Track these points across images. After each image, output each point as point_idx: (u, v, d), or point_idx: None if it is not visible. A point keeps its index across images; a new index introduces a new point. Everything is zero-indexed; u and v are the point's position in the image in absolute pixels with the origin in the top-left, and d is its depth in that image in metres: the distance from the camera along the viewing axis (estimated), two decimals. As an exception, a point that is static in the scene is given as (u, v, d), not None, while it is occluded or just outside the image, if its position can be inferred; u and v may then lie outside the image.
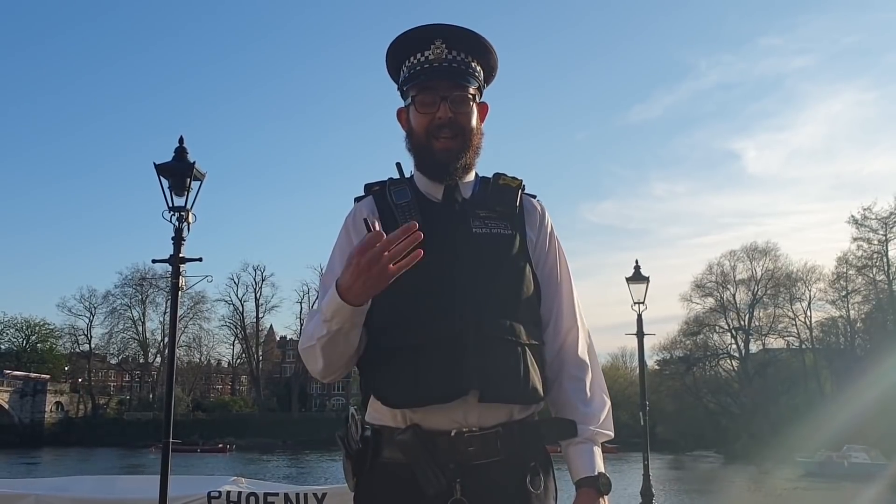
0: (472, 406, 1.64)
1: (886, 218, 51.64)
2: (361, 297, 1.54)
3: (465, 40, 1.79)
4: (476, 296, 1.68)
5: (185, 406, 65.67)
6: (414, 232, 1.46)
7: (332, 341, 1.62)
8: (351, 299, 1.54)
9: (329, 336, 1.61)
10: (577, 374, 1.80)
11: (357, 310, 1.56)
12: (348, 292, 1.53)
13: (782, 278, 58.45)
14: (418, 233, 1.46)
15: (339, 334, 1.61)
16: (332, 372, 1.71)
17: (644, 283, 15.24)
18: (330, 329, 1.60)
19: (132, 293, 72.53)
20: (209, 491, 6.34)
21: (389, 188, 1.82)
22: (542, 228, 1.87)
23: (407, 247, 1.46)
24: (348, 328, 1.60)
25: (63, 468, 41.97)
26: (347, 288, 1.52)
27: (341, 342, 1.64)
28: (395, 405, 1.67)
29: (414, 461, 1.62)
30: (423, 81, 1.77)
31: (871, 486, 32.67)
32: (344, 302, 1.54)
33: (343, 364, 1.70)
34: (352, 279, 1.51)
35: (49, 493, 6.43)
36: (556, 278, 1.85)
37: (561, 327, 1.82)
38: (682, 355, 60.51)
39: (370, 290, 1.52)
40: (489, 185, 1.85)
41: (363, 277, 1.49)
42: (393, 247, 1.46)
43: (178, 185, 7.70)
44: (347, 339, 1.63)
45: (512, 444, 1.67)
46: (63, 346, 76.27)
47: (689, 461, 50.91)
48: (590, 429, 1.74)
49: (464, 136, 1.79)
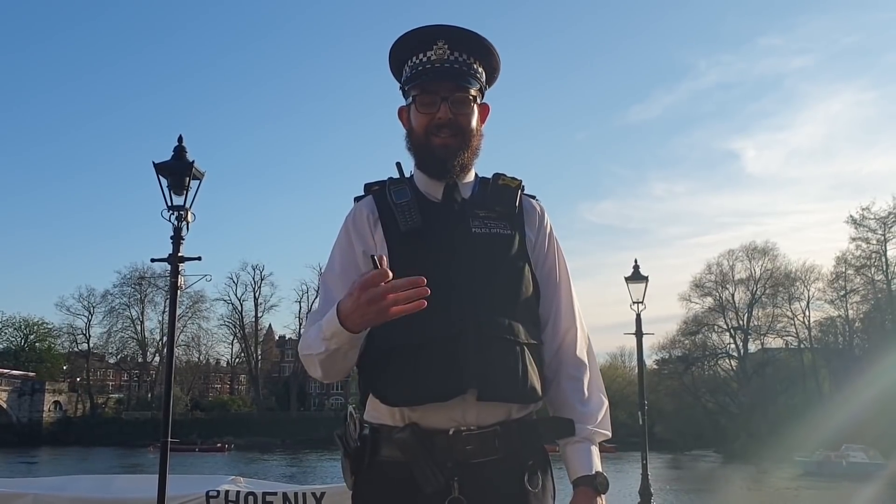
0: (470, 405, 1.64)
1: (885, 218, 51.82)
2: (359, 327, 1.54)
3: (468, 41, 1.80)
4: (475, 295, 1.68)
5: (183, 405, 65.64)
6: (420, 287, 1.45)
7: (330, 358, 1.63)
8: (350, 326, 1.54)
9: (327, 353, 1.62)
10: (576, 374, 1.81)
11: (355, 336, 1.57)
12: (347, 319, 1.53)
13: (781, 278, 58.55)
14: (425, 288, 1.45)
15: (338, 353, 1.62)
16: (331, 379, 1.73)
17: (643, 282, 15.24)
18: (328, 347, 1.60)
19: (131, 292, 72.60)
20: (207, 490, 6.34)
21: (389, 188, 1.82)
22: (541, 229, 1.87)
23: (410, 297, 1.46)
24: (346, 349, 1.61)
25: (61, 467, 41.95)
26: (346, 316, 1.53)
27: (339, 360, 1.64)
28: (393, 403, 1.67)
29: (412, 459, 1.62)
30: (425, 82, 1.78)
31: (870, 485, 32.72)
32: (343, 327, 1.55)
33: (343, 372, 1.71)
34: (351, 309, 1.51)
35: (47, 493, 6.41)
36: (554, 278, 1.86)
37: (559, 327, 1.83)
38: (680, 355, 60.59)
39: (368, 323, 1.53)
40: (489, 186, 1.86)
41: (361, 311, 1.50)
42: (395, 293, 1.46)
43: (177, 184, 7.68)
44: (346, 357, 1.64)
45: (510, 443, 1.67)
46: (61, 345, 76.28)
47: (687, 460, 50.94)
48: (587, 428, 1.75)
49: (463, 135, 1.79)
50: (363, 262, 1.78)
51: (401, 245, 1.73)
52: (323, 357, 1.62)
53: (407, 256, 1.70)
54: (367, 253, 1.77)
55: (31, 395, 67.11)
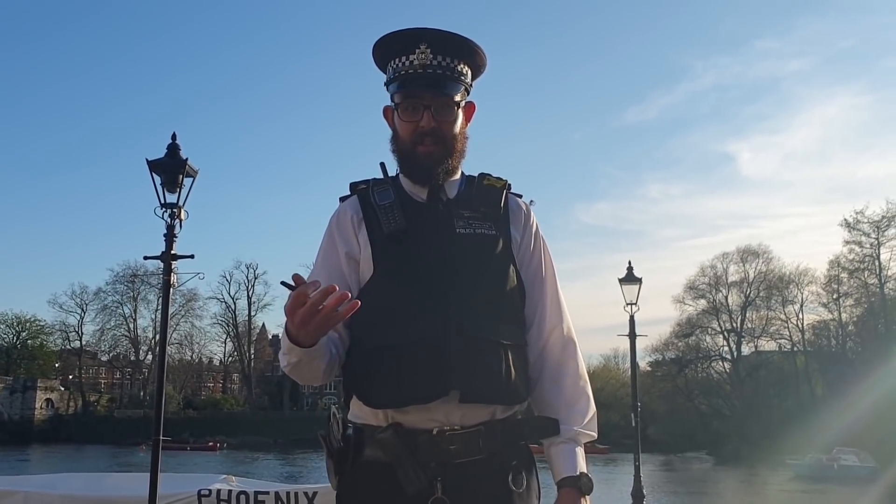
0: (453, 406, 1.64)
1: (878, 222, 51.91)
2: (307, 341, 1.54)
3: (450, 44, 1.78)
4: (459, 296, 1.68)
5: (176, 404, 65.45)
6: (336, 293, 1.42)
7: (296, 368, 1.63)
8: (300, 342, 1.54)
9: (291, 366, 1.62)
10: (560, 375, 1.80)
11: (310, 350, 1.56)
12: (296, 337, 1.53)
13: (775, 281, 58.62)
14: (345, 293, 1.44)
15: (300, 364, 1.62)
16: (311, 383, 1.73)
17: (636, 284, 15.27)
18: (290, 361, 1.61)
19: (124, 290, 72.21)
20: (199, 489, 6.33)
21: (373, 188, 1.81)
22: (526, 228, 1.86)
23: (336, 303, 1.43)
24: (307, 360, 1.60)
25: (53, 465, 41.80)
26: (294, 335, 1.53)
27: (305, 369, 1.64)
28: (376, 405, 1.67)
29: (395, 460, 1.62)
30: (407, 90, 1.77)
31: (861, 488, 32.81)
32: (293, 344, 1.55)
33: (317, 378, 1.70)
34: (294, 330, 1.51)
35: (38, 491, 6.39)
36: (540, 278, 1.85)
37: (544, 327, 1.82)
38: (674, 357, 60.62)
39: (315, 337, 1.53)
40: (474, 185, 1.85)
41: (303, 331, 1.50)
42: (323, 304, 1.43)
43: (171, 181, 7.67)
44: (311, 366, 1.63)
45: (494, 443, 1.67)
46: (54, 342, 75.97)
47: (679, 462, 50.99)
48: (573, 429, 1.74)
49: (446, 143, 1.78)
50: (347, 264, 1.78)
51: (384, 247, 1.72)
52: (290, 368, 1.63)
53: (391, 258, 1.70)
54: (352, 255, 1.77)
55: (22, 393, 66.82)
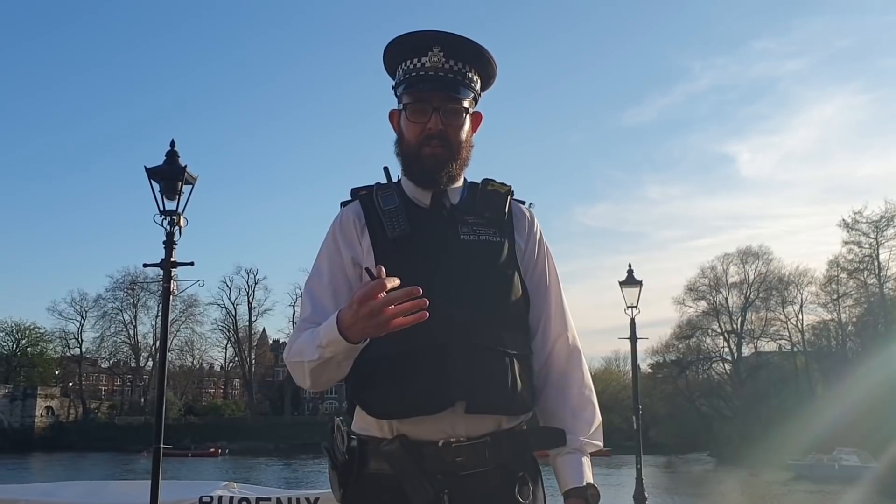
0: (459, 416, 1.63)
1: (877, 222, 51.89)
2: (359, 337, 1.53)
3: (464, 49, 1.77)
4: (463, 304, 1.66)
5: (176, 410, 65.41)
6: (418, 298, 1.44)
7: (322, 366, 1.60)
8: (350, 337, 1.52)
9: (320, 362, 1.59)
10: (566, 384, 1.79)
11: (353, 347, 1.55)
12: (348, 330, 1.51)
13: (774, 281, 58.65)
14: (423, 300, 1.44)
15: (332, 362, 1.59)
16: (318, 388, 1.70)
17: (637, 286, 15.25)
18: (323, 356, 1.58)
19: (123, 297, 71.99)
20: (201, 496, 6.29)
21: (377, 193, 1.80)
22: (531, 235, 1.85)
23: (409, 309, 1.44)
24: (341, 359, 1.59)
25: (53, 473, 41.69)
26: (347, 327, 1.51)
27: (332, 369, 1.62)
28: (381, 416, 1.65)
29: (401, 472, 1.60)
30: (417, 91, 1.76)
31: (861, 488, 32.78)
32: (342, 337, 1.53)
33: (331, 382, 1.68)
34: (351, 321, 1.49)
35: (38, 499, 6.36)
36: (544, 286, 1.84)
37: (549, 336, 1.81)
38: (674, 359, 60.64)
39: (368, 335, 1.52)
40: (477, 191, 1.84)
41: (361, 324, 1.48)
42: (394, 304, 1.44)
43: (170, 188, 7.66)
44: (339, 367, 1.62)
45: (500, 454, 1.65)
46: (54, 350, 75.79)
47: (681, 464, 50.99)
48: (579, 439, 1.73)
49: (452, 147, 1.77)
50: (351, 268, 1.76)
51: (388, 252, 1.71)
52: (315, 364, 1.59)
53: (394, 264, 1.68)
54: (356, 260, 1.75)
55: (23, 401, 66.71)
